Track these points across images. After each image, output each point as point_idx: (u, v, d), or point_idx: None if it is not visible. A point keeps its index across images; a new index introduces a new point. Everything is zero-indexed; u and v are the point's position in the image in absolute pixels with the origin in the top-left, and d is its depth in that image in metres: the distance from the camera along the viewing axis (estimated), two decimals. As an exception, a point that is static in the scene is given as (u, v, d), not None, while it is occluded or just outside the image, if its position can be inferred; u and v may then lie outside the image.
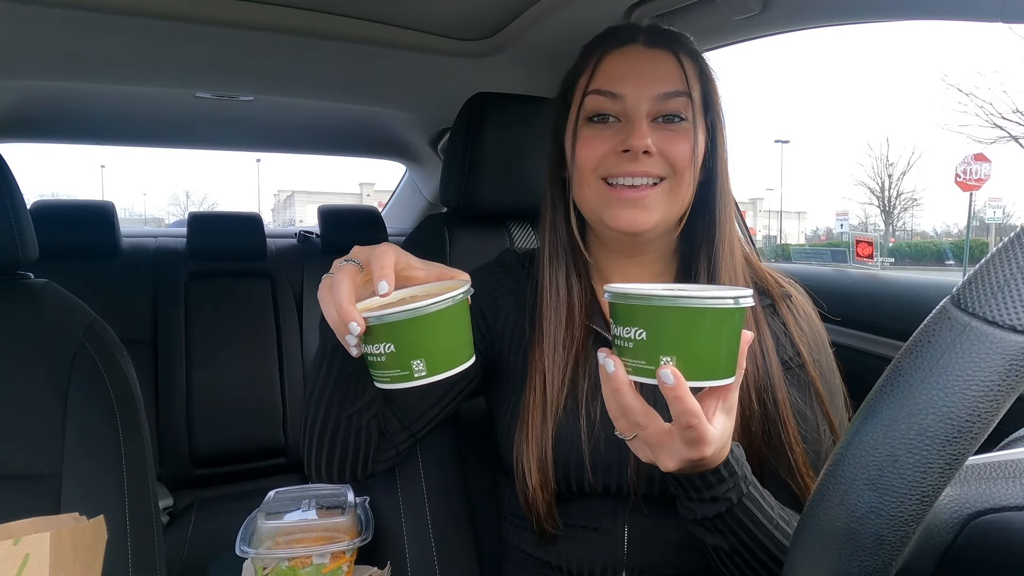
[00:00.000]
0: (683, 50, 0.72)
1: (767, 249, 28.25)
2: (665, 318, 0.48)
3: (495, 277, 0.82)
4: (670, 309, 0.48)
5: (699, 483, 0.56)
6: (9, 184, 0.84)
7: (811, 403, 0.71)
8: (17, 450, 0.78)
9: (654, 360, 0.49)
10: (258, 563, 0.78)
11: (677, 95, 0.69)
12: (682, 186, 0.70)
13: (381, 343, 0.53)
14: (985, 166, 13.46)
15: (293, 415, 1.95)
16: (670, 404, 0.49)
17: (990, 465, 0.38)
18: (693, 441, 0.50)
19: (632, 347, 0.50)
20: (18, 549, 0.61)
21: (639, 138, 0.67)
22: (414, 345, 0.52)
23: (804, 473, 0.68)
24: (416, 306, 0.51)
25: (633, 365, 0.50)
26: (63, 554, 0.64)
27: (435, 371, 0.53)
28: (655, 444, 0.53)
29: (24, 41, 1.17)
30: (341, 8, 1.11)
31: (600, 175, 0.70)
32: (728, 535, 0.58)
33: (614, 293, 0.50)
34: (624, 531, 0.71)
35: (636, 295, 0.49)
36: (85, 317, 0.87)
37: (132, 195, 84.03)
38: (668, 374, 0.48)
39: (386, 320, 0.51)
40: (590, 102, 0.71)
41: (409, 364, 0.53)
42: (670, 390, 0.48)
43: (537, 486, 0.69)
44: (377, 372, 0.55)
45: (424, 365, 0.53)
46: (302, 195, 42.08)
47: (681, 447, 0.51)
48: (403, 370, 0.53)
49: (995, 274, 0.32)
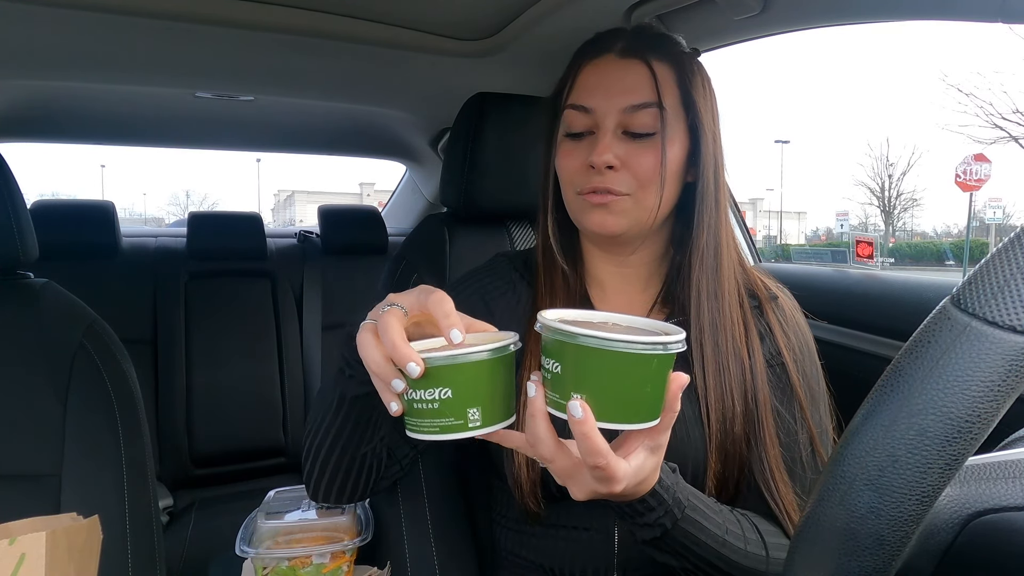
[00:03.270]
0: (660, 57, 0.71)
1: (767, 249, 28.27)
2: (579, 355, 0.46)
3: (487, 282, 0.82)
4: (583, 348, 0.46)
5: (627, 510, 0.56)
6: (9, 184, 0.84)
7: (788, 405, 0.72)
8: (17, 450, 0.78)
9: (566, 395, 0.47)
10: (258, 563, 0.78)
11: (645, 106, 0.69)
12: (648, 198, 0.70)
13: (437, 387, 0.49)
14: (985, 166, 13.47)
15: (293, 415, 1.95)
16: (577, 441, 0.47)
17: (990, 465, 0.38)
18: (601, 479, 0.49)
19: (550, 378, 0.48)
20: (14, 549, 0.61)
21: (599, 154, 0.68)
22: (475, 390, 0.49)
23: (778, 478, 0.68)
24: (484, 347, 0.48)
25: (550, 397, 0.49)
26: (59, 554, 0.63)
27: (488, 422, 0.50)
28: (564, 476, 0.52)
29: (24, 41, 1.17)
30: (341, 8, 1.11)
31: (575, 190, 0.72)
32: (673, 555, 0.59)
33: (541, 323, 0.49)
34: (615, 531, 0.71)
35: (555, 328, 0.47)
36: (85, 317, 0.87)
37: (132, 195, 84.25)
38: (577, 407, 0.46)
39: (457, 360, 0.48)
40: (566, 117, 0.73)
41: (465, 412, 0.49)
42: (577, 425, 0.46)
43: (522, 462, 0.69)
44: (421, 421, 0.50)
45: (480, 414, 0.49)
46: (302, 195, 42.09)
47: (590, 481, 0.50)
48: (457, 419, 0.49)
49: (995, 274, 0.32)
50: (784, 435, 0.70)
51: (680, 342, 0.47)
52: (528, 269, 0.81)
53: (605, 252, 0.77)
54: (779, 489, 0.68)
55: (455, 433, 0.49)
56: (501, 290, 0.80)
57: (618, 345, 0.45)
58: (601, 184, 0.69)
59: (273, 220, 41.48)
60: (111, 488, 0.80)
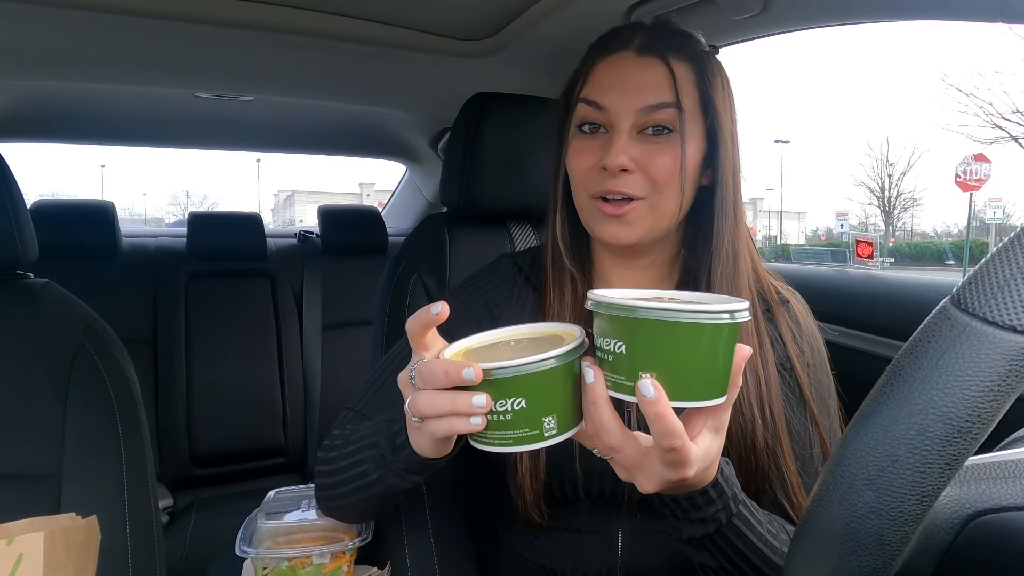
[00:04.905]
0: (678, 55, 0.68)
1: (767, 249, 28.28)
2: (646, 331, 0.43)
3: (490, 287, 0.80)
4: (651, 322, 0.43)
5: (685, 504, 0.53)
6: (9, 184, 0.84)
7: (798, 411, 0.70)
8: (17, 450, 0.78)
9: (633, 375, 0.44)
10: (258, 563, 0.78)
11: (663, 107, 0.66)
12: (665, 202, 0.67)
13: (509, 398, 0.46)
14: (985, 166, 13.48)
15: (293, 415, 1.95)
16: (650, 422, 0.45)
17: (990, 465, 0.38)
18: (674, 463, 0.47)
19: (612, 360, 0.45)
20: (12, 549, 0.61)
21: (613, 156, 0.65)
22: (549, 398, 0.46)
23: (797, 492, 0.67)
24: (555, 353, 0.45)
25: (613, 380, 0.46)
26: (56, 554, 0.63)
27: (564, 429, 0.47)
28: (632, 466, 0.49)
29: (24, 41, 1.17)
30: (341, 8, 1.11)
31: (588, 193, 0.70)
32: (716, 554, 0.56)
33: (596, 301, 0.46)
34: (618, 534, 0.71)
35: (616, 304, 0.44)
36: (85, 317, 0.86)
37: (132, 195, 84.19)
38: (648, 386, 0.43)
39: (529, 370, 0.45)
40: (579, 110, 0.70)
41: (540, 422, 0.46)
42: (650, 405, 0.44)
43: (526, 472, 0.68)
44: (491, 433, 0.47)
45: (555, 422, 0.47)
46: (302, 195, 42.11)
47: (660, 468, 0.48)
48: (532, 429, 0.46)
49: (995, 274, 0.32)
50: (796, 444, 0.69)
51: (746, 310, 0.45)
52: (535, 269, 0.80)
53: (616, 254, 0.75)
54: (800, 503, 0.66)
55: (530, 444, 0.47)
56: (506, 295, 0.79)
57: (689, 316, 0.42)
58: (615, 187, 0.66)
59: (273, 220, 41.50)
60: (111, 488, 0.80)
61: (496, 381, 0.45)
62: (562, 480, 0.69)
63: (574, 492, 0.70)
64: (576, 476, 0.69)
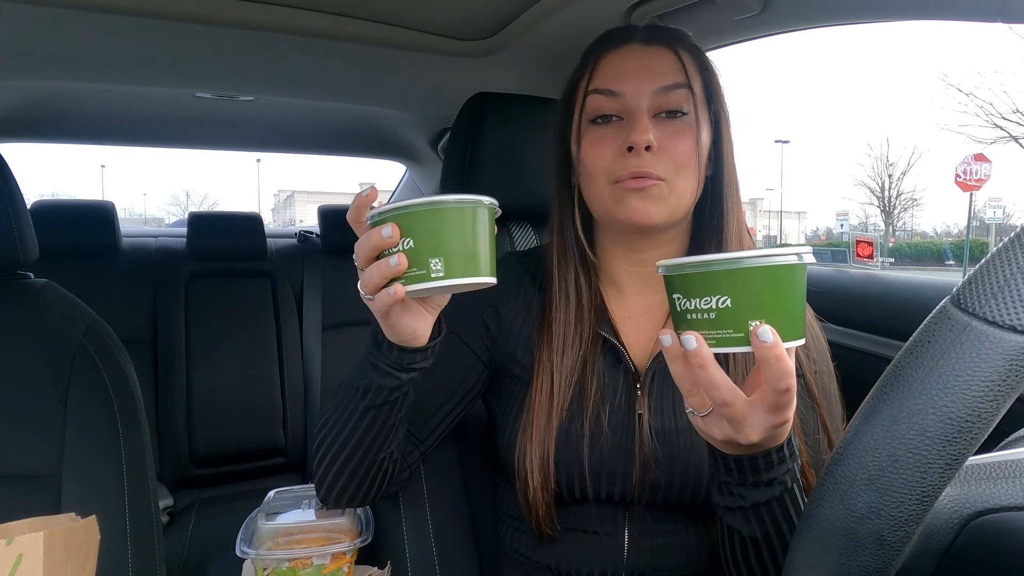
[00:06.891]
0: (682, 45, 0.71)
1: (767, 249, 28.15)
2: (753, 279, 0.45)
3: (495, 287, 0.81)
4: (757, 270, 0.45)
5: (761, 463, 0.52)
6: (9, 184, 0.84)
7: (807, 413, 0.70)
8: (17, 450, 0.78)
9: (742, 326, 0.46)
10: (258, 564, 0.78)
11: (677, 87, 0.68)
12: (681, 183, 0.68)
13: (403, 238, 0.52)
14: (985, 166, 13.48)
15: (293, 415, 1.95)
16: (768, 367, 0.45)
17: (990, 465, 0.38)
18: (781, 406, 0.47)
19: (715, 317, 0.46)
20: (11, 549, 0.61)
21: (640, 133, 0.66)
22: (435, 240, 0.51)
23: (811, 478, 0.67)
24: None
25: (717, 336, 0.47)
26: (56, 554, 0.63)
27: (453, 274, 0.52)
28: (740, 418, 0.48)
29: (24, 41, 1.17)
30: (341, 8, 1.11)
31: (610, 179, 0.69)
32: (767, 523, 0.55)
33: (687, 263, 0.47)
34: (624, 536, 0.71)
35: (718, 260, 0.46)
36: (85, 317, 0.86)
37: (132, 195, 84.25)
38: (767, 331, 0.44)
39: (412, 210, 0.51)
40: (591, 103, 0.71)
41: (427, 262, 0.51)
42: (769, 350, 0.44)
43: (538, 487, 0.68)
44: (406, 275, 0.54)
45: (442, 265, 0.51)
46: (302, 195, 42.10)
47: (765, 416, 0.48)
48: (420, 268, 0.52)
49: (995, 274, 0.32)
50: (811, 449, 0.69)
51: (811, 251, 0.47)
52: (540, 269, 0.80)
53: (627, 250, 0.75)
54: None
55: (416, 284, 0.52)
56: (512, 294, 0.79)
57: (785, 259, 0.45)
58: (640, 168, 0.66)
59: (273, 220, 41.48)
60: (111, 488, 0.80)
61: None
62: (572, 480, 0.69)
63: (582, 494, 0.70)
64: (585, 477, 0.69)
